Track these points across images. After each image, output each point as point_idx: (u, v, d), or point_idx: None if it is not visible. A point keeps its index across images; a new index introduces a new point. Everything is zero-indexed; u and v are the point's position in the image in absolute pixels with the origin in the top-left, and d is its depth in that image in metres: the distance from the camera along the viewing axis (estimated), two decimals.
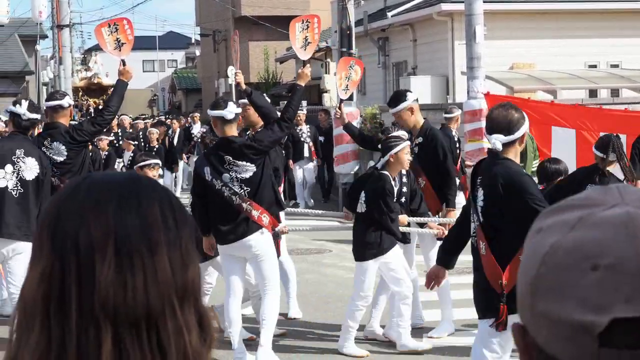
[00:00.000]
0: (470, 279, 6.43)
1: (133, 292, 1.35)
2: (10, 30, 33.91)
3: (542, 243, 1.12)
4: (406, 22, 26.97)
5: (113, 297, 1.34)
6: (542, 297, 1.09)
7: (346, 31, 17.86)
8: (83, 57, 76.17)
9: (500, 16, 23.87)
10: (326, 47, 30.07)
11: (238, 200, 7.87)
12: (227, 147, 7.92)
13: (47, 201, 1.41)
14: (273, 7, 48.17)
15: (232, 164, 7.88)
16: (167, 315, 1.36)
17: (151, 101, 71.64)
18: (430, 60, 25.92)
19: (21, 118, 8.37)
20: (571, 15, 24.90)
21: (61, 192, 1.43)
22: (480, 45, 15.67)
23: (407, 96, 9.14)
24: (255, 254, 7.98)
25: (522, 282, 1.13)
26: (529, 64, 24.29)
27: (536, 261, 1.11)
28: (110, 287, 1.34)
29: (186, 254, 1.41)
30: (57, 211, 1.39)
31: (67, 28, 31.15)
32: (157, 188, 1.45)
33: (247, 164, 7.89)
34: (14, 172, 8.20)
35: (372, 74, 29.92)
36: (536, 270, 1.10)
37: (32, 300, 1.36)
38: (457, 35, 23.52)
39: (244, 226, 7.90)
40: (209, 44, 54.14)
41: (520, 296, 1.14)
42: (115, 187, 1.41)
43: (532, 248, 1.14)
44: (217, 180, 7.89)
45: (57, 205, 1.40)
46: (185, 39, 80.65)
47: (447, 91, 24.56)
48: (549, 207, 1.16)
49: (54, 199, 1.43)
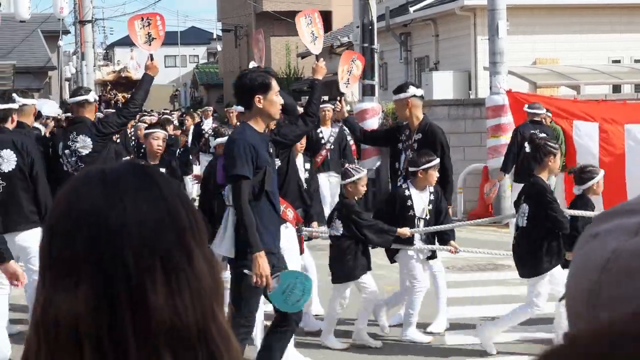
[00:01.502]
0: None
1: (185, 310, 1.31)
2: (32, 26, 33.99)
3: (601, 249, 1.06)
4: (428, 17, 26.88)
5: (169, 320, 1.29)
6: (604, 306, 1.03)
7: (368, 26, 17.78)
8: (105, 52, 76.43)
9: (523, 11, 23.74)
10: (348, 42, 30.03)
11: None
12: None
13: (65, 211, 1.34)
14: (294, 2, 48.10)
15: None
16: (211, 324, 1.33)
17: (173, 96, 71.81)
18: (453, 55, 25.83)
19: None
20: (595, 10, 24.75)
21: (80, 202, 1.34)
22: (503, 40, 15.60)
23: (408, 89, 9.18)
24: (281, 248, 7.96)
25: (576, 290, 1.07)
26: (552, 59, 24.18)
27: (595, 268, 1.05)
28: (165, 311, 1.29)
29: (210, 253, 1.39)
30: (89, 227, 1.31)
31: (89, 24, 31.25)
32: (170, 181, 1.41)
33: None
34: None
35: (394, 70, 29.87)
36: (596, 278, 1.04)
37: (69, 327, 1.29)
38: (480, 31, 23.42)
39: None
40: (231, 39, 54.21)
41: (572, 305, 1.08)
42: (134, 187, 1.36)
43: (587, 254, 1.08)
44: None
45: (89, 220, 1.32)
46: (207, 35, 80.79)
47: (470, 87, 24.47)
48: (604, 212, 1.11)
49: (76, 211, 1.34)
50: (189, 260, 1.33)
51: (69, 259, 1.31)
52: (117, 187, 1.35)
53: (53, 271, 1.32)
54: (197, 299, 1.32)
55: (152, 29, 9.24)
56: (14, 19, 28.45)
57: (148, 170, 1.41)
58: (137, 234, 1.31)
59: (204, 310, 1.33)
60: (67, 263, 1.31)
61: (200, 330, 1.31)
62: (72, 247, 1.31)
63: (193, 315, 1.31)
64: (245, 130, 6.57)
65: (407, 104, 9.09)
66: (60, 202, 1.37)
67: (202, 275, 1.34)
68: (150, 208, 1.33)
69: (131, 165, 1.41)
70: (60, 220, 1.35)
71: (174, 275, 1.31)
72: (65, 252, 1.32)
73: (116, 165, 1.41)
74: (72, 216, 1.33)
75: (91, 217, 1.32)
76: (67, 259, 1.31)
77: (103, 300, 1.28)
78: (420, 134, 9.03)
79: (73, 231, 1.32)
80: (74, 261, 1.31)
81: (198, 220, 1.39)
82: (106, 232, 1.31)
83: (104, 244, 1.30)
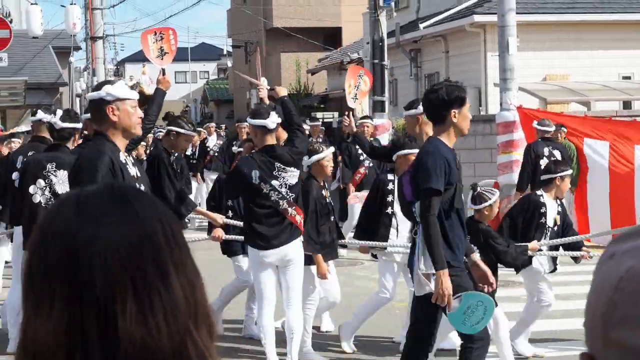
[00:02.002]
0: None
1: (158, 331, 1.29)
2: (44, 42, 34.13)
3: (616, 269, 1.07)
4: (438, 33, 26.93)
5: (141, 342, 1.28)
6: (616, 325, 1.04)
7: (378, 43, 17.84)
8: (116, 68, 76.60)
9: (534, 28, 23.77)
10: (358, 59, 30.08)
11: (285, 205, 7.89)
12: (277, 153, 7.93)
13: (40, 235, 1.35)
14: (305, 19, 48.29)
15: (282, 170, 7.90)
16: (188, 344, 1.32)
17: (183, 112, 71.94)
18: (463, 71, 25.85)
19: (54, 128, 8.37)
20: (605, 27, 24.76)
21: (54, 225, 1.34)
22: (513, 56, 15.61)
23: (419, 105, 9.22)
24: (288, 260, 7.97)
25: (593, 310, 1.09)
26: (563, 76, 24.19)
27: (610, 288, 1.06)
28: (136, 332, 1.28)
29: (191, 271, 1.36)
30: (60, 249, 1.31)
31: (101, 40, 31.35)
32: (149, 201, 1.39)
33: (294, 169, 7.97)
34: (46, 187, 8.19)
35: (404, 86, 29.91)
36: (610, 297, 1.06)
37: (47, 350, 1.29)
38: (490, 47, 23.45)
39: (288, 232, 7.92)
40: (241, 55, 54.32)
41: (590, 324, 1.09)
42: (112, 210, 1.34)
43: (604, 274, 1.09)
44: (266, 184, 7.88)
45: (61, 242, 1.32)
46: (217, 51, 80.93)
47: (480, 103, 24.49)
48: (622, 233, 1.13)
49: (50, 234, 1.34)
50: (164, 280, 1.31)
51: (44, 281, 1.31)
52: (88, 208, 1.34)
53: (32, 294, 1.32)
54: (173, 319, 1.30)
55: (164, 43, 9.25)
56: (25, 35, 28.57)
57: (124, 190, 1.40)
58: (106, 255, 1.29)
59: (180, 331, 1.31)
60: (42, 285, 1.31)
61: (175, 351, 1.30)
62: (45, 269, 1.31)
63: (168, 336, 1.30)
64: (439, 144, 6.42)
65: (417, 120, 9.10)
66: (38, 225, 1.37)
67: (178, 296, 1.32)
68: (121, 228, 1.32)
69: (107, 186, 1.40)
70: (36, 242, 1.35)
71: (147, 296, 1.29)
72: (40, 274, 1.32)
73: (93, 186, 1.41)
74: (46, 238, 1.33)
75: (62, 238, 1.32)
76: (42, 281, 1.31)
77: (74, 323, 1.28)
78: None
79: (46, 253, 1.32)
80: (48, 283, 1.30)
81: (179, 239, 1.37)
82: (75, 253, 1.30)
83: (73, 265, 1.29)
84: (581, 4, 25.17)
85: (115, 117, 5.68)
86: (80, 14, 32.61)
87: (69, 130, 8.40)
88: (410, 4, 30.84)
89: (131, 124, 5.76)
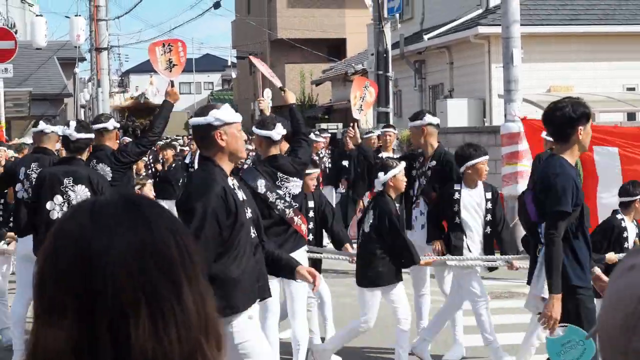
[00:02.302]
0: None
1: (170, 345, 1.29)
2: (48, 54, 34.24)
3: (638, 280, 1.07)
4: (443, 44, 26.95)
5: (151, 353, 1.29)
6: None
7: (383, 54, 17.86)
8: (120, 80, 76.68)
9: (538, 39, 23.78)
10: (362, 70, 30.11)
11: (291, 214, 7.87)
12: (280, 163, 7.91)
13: (54, 242, 1.34)
14: (309, 30, 48.34)
15: (284, 180, 7.88)
16: (198, 357, 1.32)
17: (187, 123, 71.98)
18: (467, 83, 25.87)
19: (69, 139, 8.14)
20: (609, 38, 24.77)
21: (68, 233, 1.34)
22: (518, 68, 15.60)
23: (424, 116, 9.21)
24: None
25: (613, 321, 1.08)
26: (567, 87, 24.18)
27: (632, 299, 1.06)
28: (148, 346, 1.28)
29: (203, 284, 1.36)
30: (74, 256, 1.31)
31: (105, 51, 31.40)
32: (163, 213, 1.38)
33: (297, 179, 7.94)
34: (64, 202, 8.06)
35: (408, 97, 29.91)
36: (632, 309, 1.05)
37: (58, 359, 1.29)
38: (494, 58, 23.47)
39: (292, 241, 7.88)
40: (245, 66, 54.40)
41: (607, 336, 1.09)
42: (126, 220, 1.34)
43: (624, 285, 1.08)
44: (272, 193, 7.85)
45: (75, 249, 1.32)
46: (222, 62, 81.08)
47: (484, 114, 24.49)
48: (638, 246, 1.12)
49: (64, 241, 1.33)
50: (177, 294, 1.31)
51: (56, 289, 1.30)
52: (103, 217, 1.34)
53: (44, 302, 1.32)
54: (184, 334, 1.31)
55: (173, 55, 9.16)
56: (30, 47, 28.65)
57: (138, 201, 1.39)
58: (120, 265, 1.29)
59: (190, 345, 1.31)
60: (54, 293, 1.31)
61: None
62: (58, 276, 1.31)
63: (179, 349, 1.30)
64: (564, 164, 6.23)
65: (422, 131, 9.12)
66: (51, 232, 1.37)
67: (190, 309, 1.32)
68: (135, 239, 1.32)
69: (121, 197, 1.40)
70: (49, 250, 1.34)
71: (160, 309, 1.30)
72: (52, 281, 1.31)
73: (107, 196, 1.40)
74: (59, 245, 1.33)
75: (75, 245, 1.32)
76: (54, 288, 1.31)
77: (86, 332, 1.28)
78: (434, 161, 9.06)
79: (59, 260, 1.32)
80: (60, 291, 1.30)
81: (192, 252, 1.36)
82: (89, 261, 1.30)
83: (86, 273, 1.29)
84: (585, 16, 25.19)
85: (223, 142, 5.55)
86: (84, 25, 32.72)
87: (84, 141, 8.20)
88: (414, 15, 30.87)
89: (238, 148, 5.63)
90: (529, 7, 24.52)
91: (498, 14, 19.99)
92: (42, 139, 9.38)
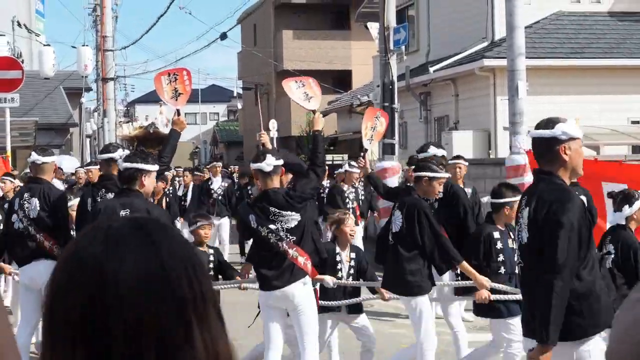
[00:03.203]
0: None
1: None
2: (55, 83, 34.36)
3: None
4: (448, 77, 27.02)
5: None
6: None
7: (388, 86, 17.90)
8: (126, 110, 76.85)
9: (543, 72, 23.84)
10: (368, 102, 30.17)
11: (285, 247, 7.86)
12: (270, 198, 7.93)
13: (62, 263, 1.33)
14: (315, 62, 48.49)
15: (277, 214, 7.90)
16: None
17: (193, 153, 72.14)
18: (472, 115, 25.90)
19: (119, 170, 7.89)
20: (613, 71, 24.82)
21: (79, 269, 1.31)
22: (523, 100, 15.63)
23: (429, 149, 9.23)
24: (296, 304, 7.93)
25: (622, 356, 1.09)
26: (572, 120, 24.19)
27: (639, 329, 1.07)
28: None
29: (214, 321, 1.33)
30: (83, 287, 1.28)
31: (112, 81, 31.54)
32: (176, 244, 1.34)
33: (293, 213, 7.90)
34: None
35: (413, 129, 29.95)
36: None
37: None
38: (499, 91, 23.51)
39: (289, 274, 7.86)
40: (251, 97, 54.51)
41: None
42: (138, 250, 1.30)
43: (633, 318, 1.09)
44: (263, 227, 7.89)
45: (87, 291, 1.28)
46: (228, 92, 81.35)
47: (489, 146, 24.51)
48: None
49: (77, 269, 1.30)
50: (187, 336, 1.28)
51: (65, 321, 1.28)
52: (117, 246, 1.31)
53: (52, 333, 1.30)
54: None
55: (178, 84, 9.13)
56: (37, 76, 28.77)
57: (150, 228, 1.35)
58: (129, 306, 1.26)
59: None
60: (63, 325, 1.29)
61: None
62: (67, 308, 1.29)
63: None
64: None
65: None
66: (59, 261, 1.35)
67: (199, 349, 1.29)
68: (145, 276, 1.28)
69: (133, 224, 1.36)
70: (59, 280, 1.32)
71: (168, 354, 1.27)
72: (62, 312, 1.29)
73: (119, 223, 1.36)
74: (71, 278, 1.30)
75: (87, 277, 1.29)
76: (63, 320, 1.29)
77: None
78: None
79: (69, 293, 1.29)
80: (69, 323, 1.28)
81: (205, 288, 1.33)
82: (99, 301, 1.27)
83: (97, 309, 1.27)
84: (590, 49, 25.25)
85: (567, 156, 5.48)
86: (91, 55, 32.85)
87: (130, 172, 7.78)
88: (420, 47, 30.97)
89: (579, 164, 5.54)
90: (535, 40, 24.60)
91: (503, 46, 20.05)
92: (37, 169, 9.40)
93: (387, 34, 17.80)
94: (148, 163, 7.72)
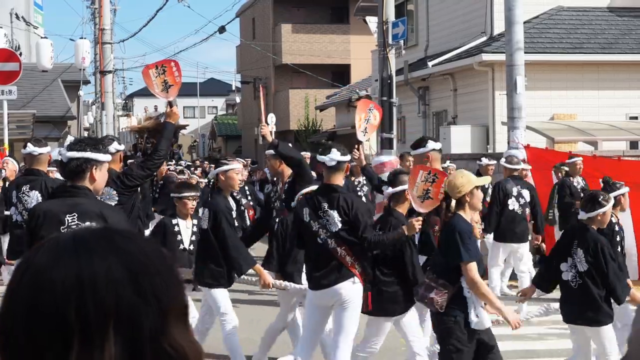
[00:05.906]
0: None
1: None
2: (53, 76, 34.29)
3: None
4: (447, 71, 27.00)
5: None
6: None
7: (387, 80, 17.86)
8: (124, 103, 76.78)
9: (541, 67, 23.83)
10: (366, 96, 30.14)
11: (334, 244, 7.71)
12: (326, 194, 7.82)
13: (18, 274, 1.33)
14: (314, 56, 48.45)
15: (325, 212, 7.77)
16: None
17: (191, 147, 72.12)
18: (471, 110, 25.89)
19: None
20: (612, 67, 24.82)
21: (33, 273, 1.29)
22: (521, 95, 15.63)
23: (427, 143, 9.17)
24: (342, 301, 7.72)
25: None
26: (570, 115, 24.21)
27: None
28: None
29: (184, 334, 1.32)
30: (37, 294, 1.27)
31: (110, 74, 31.50)
32: (144, 250, 1.32)
33: (337, 216, 7.73)
34: None
35: (412, 123, 29.95)
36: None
37: None
38: (498, 86, 23.50)
39: (337, 273, 7.70)
40: (250, 91, 54.52)
41: None
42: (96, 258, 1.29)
43: None
44: (315, 222, 7.77)
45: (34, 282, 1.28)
46: (226, 86, 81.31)
47: (487, 141, 24.50)
48: None
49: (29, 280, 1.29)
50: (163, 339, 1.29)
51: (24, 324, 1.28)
52: (89, 254, 1.29)
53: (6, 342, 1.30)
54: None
55: (167, 76, 8.99)
56: (34, 69, 28.73)
57: (116, 235, 1.34)
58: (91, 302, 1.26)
59: None
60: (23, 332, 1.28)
61: None
62: (25, 311, 1.28)
63: None
64: None
65: (427, 157, 9.07)
66: (15, 272, 1.34)
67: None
68: (108, 275, 1.28)
69: (102, 232, 1.34)
70: (16, 282, 1.31)
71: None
72: (21, 316, 1.28)
73: (84, 230, 1.33)
74: (25, 278, 1.30)
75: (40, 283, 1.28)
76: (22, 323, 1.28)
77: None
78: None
79: (25, 292, 1.28)
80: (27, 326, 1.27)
81: (173, 292, 1.31)
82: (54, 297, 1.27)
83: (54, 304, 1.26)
84: (589, 44, 25.23)
85: None
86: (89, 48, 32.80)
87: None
88: (419, 42, 30.95)
89: None
90: (533, 35, 24.58)
91: (502, 41, 20.03)
92: (32, 160, 9.35)
93: (386, 28, 17.76)
94: (100, 152, 5.98)
